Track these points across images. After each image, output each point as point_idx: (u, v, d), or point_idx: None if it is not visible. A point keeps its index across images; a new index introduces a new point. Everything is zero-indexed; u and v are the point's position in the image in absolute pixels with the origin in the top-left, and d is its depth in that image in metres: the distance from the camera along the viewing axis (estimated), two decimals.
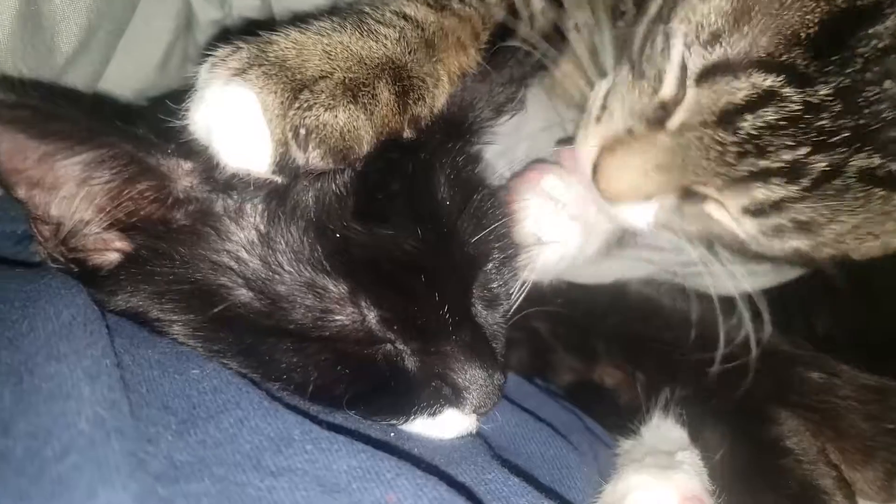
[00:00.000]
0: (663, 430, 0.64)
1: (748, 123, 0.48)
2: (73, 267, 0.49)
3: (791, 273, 0.70)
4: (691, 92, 0.52)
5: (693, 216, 0.57)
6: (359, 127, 0.46)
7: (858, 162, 0.48)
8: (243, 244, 0.48)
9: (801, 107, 0.47)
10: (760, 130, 0.48)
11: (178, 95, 0.49)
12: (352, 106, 0.46)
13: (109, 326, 0.45)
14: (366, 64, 0.48)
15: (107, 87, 0.69)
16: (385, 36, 0.49)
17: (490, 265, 0.55)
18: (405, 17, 0.52)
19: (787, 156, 0.49)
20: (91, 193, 0.47)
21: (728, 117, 0.49)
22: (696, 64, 0.51)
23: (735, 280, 0.62)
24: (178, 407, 0.40)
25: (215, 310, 0.46)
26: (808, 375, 0.61)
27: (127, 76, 0.70)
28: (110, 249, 0.50)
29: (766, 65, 0.48)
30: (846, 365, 0.62)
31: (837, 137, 0.47)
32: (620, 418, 0.70)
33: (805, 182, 0.49)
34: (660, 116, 0.54)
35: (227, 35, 0.64)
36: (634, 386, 0.73)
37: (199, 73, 0.46)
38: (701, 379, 0.65)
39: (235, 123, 0.44)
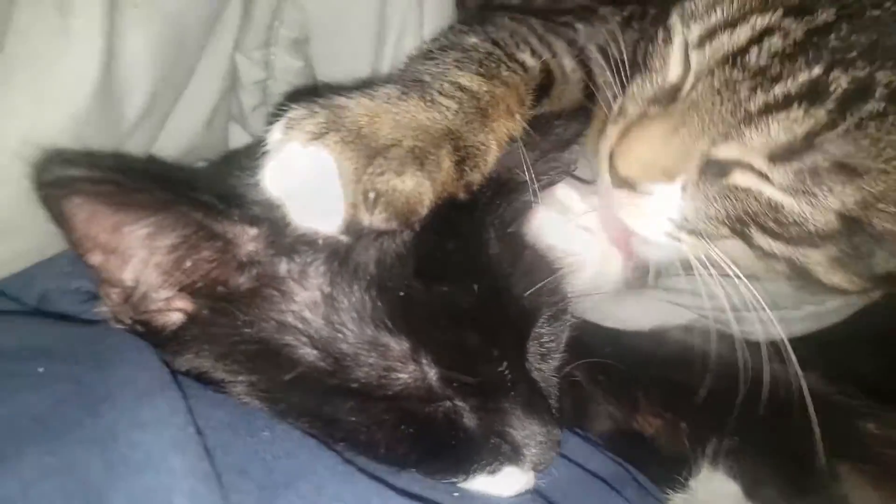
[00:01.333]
0: (715, 484, 0.63)
1: (755, 55, 0.49)
2: (139, 327, 0.50)
3: (832, 317, 0.70)
4: (695, 55, 0.53)
5: (723, 200, 0.54)
6: (422, 192, 0.48)
7: (884, 77, 0.46)
8: (307, 304, 0.49)
9: (804, 34, 0.48)
10: (769, 60, 0.49)
11: (242, 155, 0.51)
12: (419, 172, 0.48)
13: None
14: (430, 133, 0.50)
15: (156, 148, 0.71)
16: (446, 107, 0.52)
17: (542, 319, 0.56)
18: (461, 87, 0.54)
19: (802, 76, 0.47)
20: (160, 259, 0.48)
21: (734, 60, 0.50)
22: (695, 33, 0.53)
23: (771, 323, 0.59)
24: (255, 472, 0.40)
25: (286, 375, 0.47)
26: (864, 427, 0.60)
27: (176, 137, 0.72)
28: (173, 310, 0.51)
29: (761, 9, 0.50)
30: None
31: (852, 54, 0.47)
32: (664, 469, 0.70)
33: (829, 104, 0.47)
34: (672, 94, 0.55)
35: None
36: (677, 435, 0.73)
37: (272, 132, 0.48)
38: (750, 430, 0.64)
39: (313, 185, 0.46)
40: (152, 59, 0.60)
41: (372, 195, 0.46)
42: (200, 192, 0.49)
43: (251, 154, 0.51)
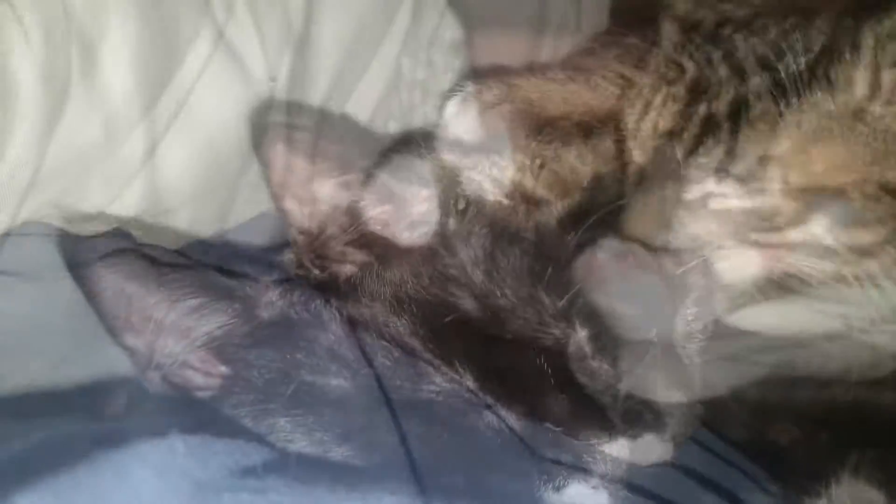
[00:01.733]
0: (856, 493, 0.61)
1: None
2: (318, 272, 0.56)
3: None
4: (888, 76, 0.53)
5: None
6: (585, 164, 0.52)
7: None
8: (470, 260, 0.53)
9: None
10: None
11: (415, 133, 0.57)
12: (583, 146, 0.51)
13: None
14: (595, 112, 0.54)
15: None
16: (610, 91, 0.56)
17: (689, 300, 0.57)
18: (622, 76, 0.58)
19: None
20: (342, 212, 0.54)
21: None
22: (890, 55, 0.53)
23: None
24: (421, 407, 0.45)
25: (447, 319, 0.51)
26: None
27: None
28: (347, 262, 0.57)
29: None
30: None
31: None
32: (800, 477, 0.68)
33: None
34: (856, 114, 0.54)
35: None
36: (817, 445, 0.71)
37: (449, 105, 0.53)
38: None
39: (485, 151, 0.50)
40: (336, 51, 0.67)
41: (538, 162, 0.50)
42: (382, 156, 0.55)
43: (423, 132, 0.57)
